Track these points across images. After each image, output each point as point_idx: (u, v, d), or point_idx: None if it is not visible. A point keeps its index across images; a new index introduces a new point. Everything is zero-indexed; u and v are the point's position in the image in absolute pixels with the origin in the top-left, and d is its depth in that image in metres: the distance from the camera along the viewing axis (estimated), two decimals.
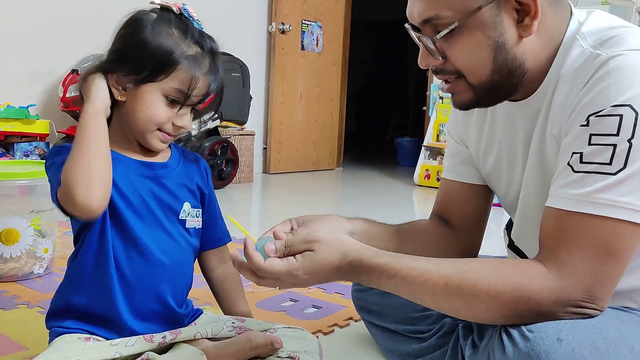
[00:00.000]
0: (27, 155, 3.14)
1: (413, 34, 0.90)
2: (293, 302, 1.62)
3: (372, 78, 8.39)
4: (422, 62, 0.91)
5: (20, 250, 1.71)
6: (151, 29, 0.95)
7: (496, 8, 0.83)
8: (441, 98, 4.27)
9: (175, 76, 0.95)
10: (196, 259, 1.11)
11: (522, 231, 1.02)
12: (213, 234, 1.12)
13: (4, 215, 1.68)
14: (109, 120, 0.98)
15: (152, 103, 0.96)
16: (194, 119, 1.04)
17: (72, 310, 0.99)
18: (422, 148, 4.37)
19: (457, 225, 1.13)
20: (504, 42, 0.84)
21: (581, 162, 0.78)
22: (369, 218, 1.10)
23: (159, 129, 0.98)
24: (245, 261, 0.85)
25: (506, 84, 0.88)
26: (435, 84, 4.34)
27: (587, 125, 0.78)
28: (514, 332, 0.76)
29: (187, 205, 1.05)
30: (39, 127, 3.18)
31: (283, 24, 4.63)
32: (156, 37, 0.94)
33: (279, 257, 0.85)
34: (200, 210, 1.09)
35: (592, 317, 0.76)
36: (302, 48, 4.83)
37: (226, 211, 1.20)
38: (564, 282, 0.75)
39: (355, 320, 1.48)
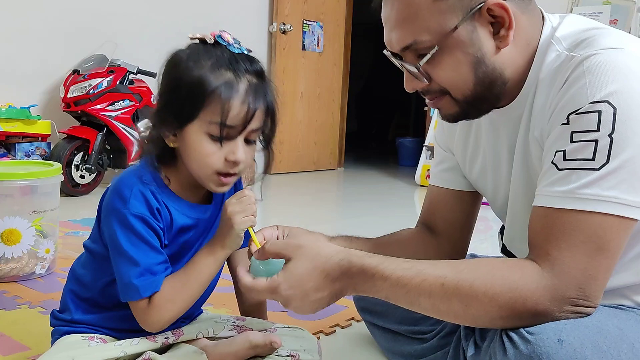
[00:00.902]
0: (29, 156, 3.14)
1: (395, 61, 0.92)
2: None
3: (373, 78, 8.38)
4: (408, 86, 0.93)
5: (21, 251, 1.71)
6: (183, 67, 0.90)
7: (471, 25, 0.84)
8: None
9: (209, 109, 0.88)
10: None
11: (513, 235, 1.03)
12: None
13: (6, 215, 1.68)
14: (172, 156, 0.95)
15: (198, 144, 0.90)
16: (265, 146, 0.99)
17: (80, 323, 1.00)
18: (424, 148, 4.37)
19: (442, 233, 1.14)
20: (483, 56, 0.86)
21: (565, 159, 0.79)
22: (349, 235, 1.10)
23: (216, 172, 0.92)
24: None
25: (489, 95, 0.90)
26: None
27: (568, 123, 0.79)
28: (514, 335, 0.76)
29: None
30: (41, 127, 3.19)
31: (284, 24, 4.63)
32: (187, 73, 0.89)
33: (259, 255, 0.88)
34: None
35: (588, 315, 0.76)
36: (303, 48, 4.83)
37: None
38: (558, 280, 0.75)
39: (357, 321, 1.48)
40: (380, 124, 8.64)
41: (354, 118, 7.16)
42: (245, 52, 0.93)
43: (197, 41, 0.93)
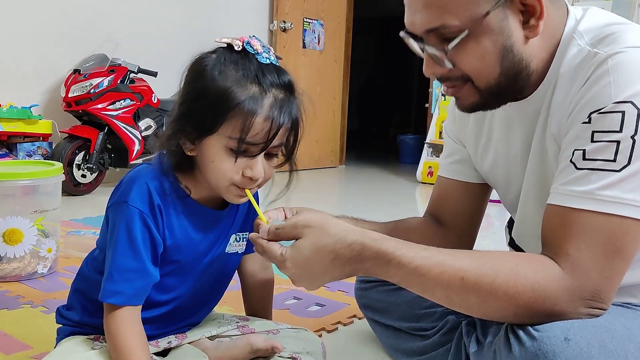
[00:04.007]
0: (30, 156, 3.14)
1: (414, 43, 0.88)
2: (296, 300, 1.62)
3: (374, 75, 8.38)
4: (427, 71, 0.90)
5: (23, 250, 1.71)
6: (208, 76, 0.85)
7: (502, 12, 0.82)
8: (443, 95, 4.26)
9: (230, 124, 0.84)
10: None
11: (522, 231, 1.02)
12: None
13: (7, 215, 1.68)
14: (190, 163, 0.92)
15: (216, 157, 0.87)
16: (285, 160, 0.95)
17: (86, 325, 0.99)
18: (425, 145, 4.37)
19: (450, 225, 1.13)
20: (511, 45, 0.84)
21: (584, 159, 0.77)
22: (356, 217, 1.09)
23: (234, 184, 0.89)
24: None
25: (513, 86, 0.88)
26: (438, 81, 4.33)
27: (589, 122, 0.78)
28: (521, 332, 0.75)
29: (232, 238, 1.01)
30: (42, 127, 3.19)
31: (284, 22, 4.62)
32: (211, 84, 0.85)
33: (270, 240, 0.85)
34: (247, 233, 1.03)
35: (598, 316, 0.75)
36: (304, 46, 4.83)
37: None
38: (577, 282, 0.74)
39: (359, 318, 1.48)
40: (381, 122, 8.64)
41: (354, 115, 7.15)
42: (274, 62, 0.89)
43: (225, 45, 0.88)
